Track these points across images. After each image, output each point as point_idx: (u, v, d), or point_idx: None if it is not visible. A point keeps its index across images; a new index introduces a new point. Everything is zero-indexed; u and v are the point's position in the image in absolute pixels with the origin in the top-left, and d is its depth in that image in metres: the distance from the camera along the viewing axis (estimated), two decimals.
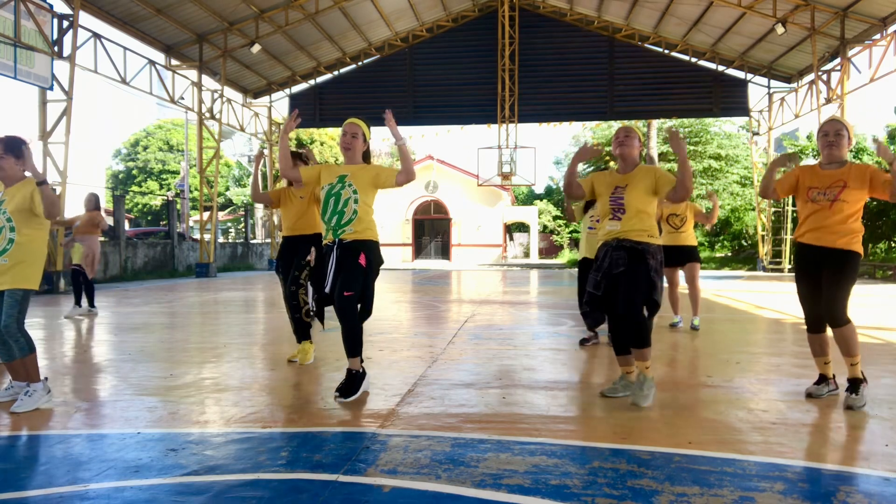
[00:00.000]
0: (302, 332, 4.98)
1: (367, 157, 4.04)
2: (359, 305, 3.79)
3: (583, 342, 5.86)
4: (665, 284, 7.14)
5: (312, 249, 4.84)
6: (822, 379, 3.86)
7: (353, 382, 3.78)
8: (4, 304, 3.56)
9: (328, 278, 3.73)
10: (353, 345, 3.77)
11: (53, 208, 3.58)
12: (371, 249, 3.80)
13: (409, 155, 3.94)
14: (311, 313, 4.69)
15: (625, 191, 3.71)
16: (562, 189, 5.98)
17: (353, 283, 3.69)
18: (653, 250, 3.64)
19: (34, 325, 6.99)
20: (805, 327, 3.85)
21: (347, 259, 3.73)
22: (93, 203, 8.35)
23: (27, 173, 3.68)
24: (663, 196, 3.72)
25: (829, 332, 3.73)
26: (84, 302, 8.22)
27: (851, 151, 21.95)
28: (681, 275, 7.09)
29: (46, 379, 3.74)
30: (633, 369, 3.80)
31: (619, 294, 3.60)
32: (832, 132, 3.67)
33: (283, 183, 5.13)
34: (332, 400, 3.76)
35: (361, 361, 3.86)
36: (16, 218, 3.57)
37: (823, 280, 3.66)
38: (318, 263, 4.85)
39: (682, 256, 6.81)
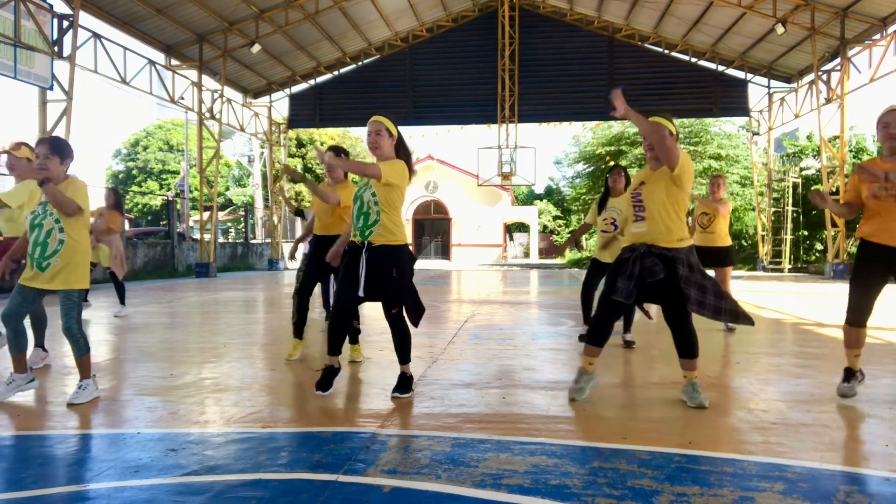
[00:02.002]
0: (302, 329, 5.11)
1: (399, 151, 3.93)
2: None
3: (583, 338, 5.78)
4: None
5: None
6: (850, 374, 3.75)
7: (409, 382, 3.90)
8: (63, 306, 3.68)
9: (361, 281, 3.66)
10: (405, 352, 3.86)
11: (62, 207, 3.61)
12: (400, 256, 3.75)
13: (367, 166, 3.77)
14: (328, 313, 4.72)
15: (643, 188, 3.57)
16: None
17: (396, 299, 3.74)
18: (682, 256, 3.48)
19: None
20: (846, 318, 3.70)
21: (380, 268, 3.68)
22: (113, 199, 8.17)
23: (70, 174, 3.77)
24: (685, 185, 3.51)
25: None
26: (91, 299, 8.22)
27: (851, 151, 21.99)
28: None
29: (95, 375, 3.89)
30: (595, 361, 3.75)
31: (665, 304, 3.51)
32: (894, 123, 3.48)
33: (282, 183, 5.14)
34: (332, 400, 3.76)
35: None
36: (63, 220, 3.65)
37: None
38: (316, 258, 4.86)
39: (712, 259, 6.52)
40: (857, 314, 3.65)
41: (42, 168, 3.62)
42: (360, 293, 3.69)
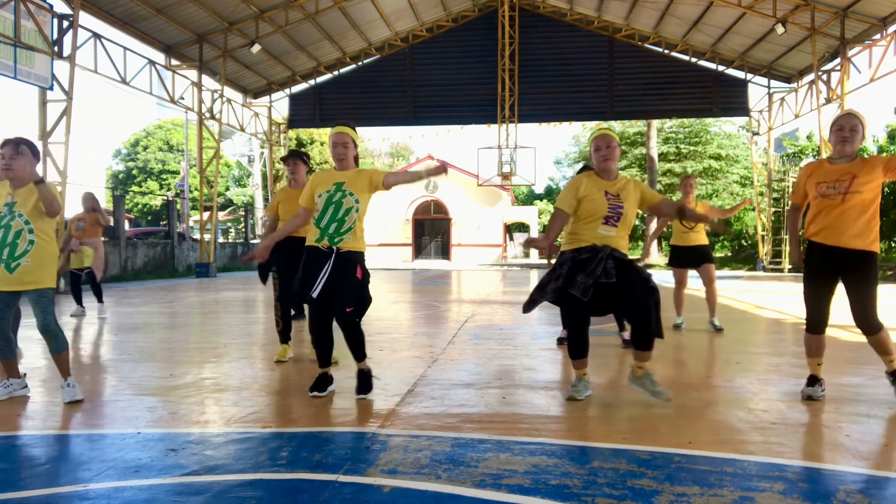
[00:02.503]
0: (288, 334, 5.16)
1: (356, 160, 4.04)
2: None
3: (561, 342, 5.73)
4: (672, 284, 7.11)
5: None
6: (815, 380, 3.78)
7: (369, 379, 3.92)
8: (38, 305, 3.68)
9: (318, 283, 3.67)
10: (361, 350, 3.88)
11: (53, 206, 3.63)
12: (363, 261, 3.87)
13: (416, 178, 4.00)
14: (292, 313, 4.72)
15: (620, 200, 3.71)
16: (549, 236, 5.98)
17: (352, 299, 3.73)
18: (634, 262, 3.71)
19: (32, 325, 6.98)
20: (804, 326, 3.80)
21: (345, 272, 3.71)
22: (90, 202, 8.27)
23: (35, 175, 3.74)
24: (650, 208, 3.88)
25: (826, 333, 3.70)
26: (86, 302, 8.25)
27: None
28: (691, 276, 7.01)
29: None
30: (586, 369, 3.84)
31: (633, 285, 3.54)
32: (847, 127, 3.55)
33: (282, 183, 5.13)
34: (332, 400, 3.77)
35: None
36: (33, 220, 3.64)
37: (847, 288, 3.56)
38: (294, 262, 4.79)
39: (696, 257, 6.69)
40: (814, 321, 3.71)
41: (7, 169, 3.59)
42: (314, 294, 3.68)
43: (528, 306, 3.80)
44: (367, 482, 2.50)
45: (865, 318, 3.53)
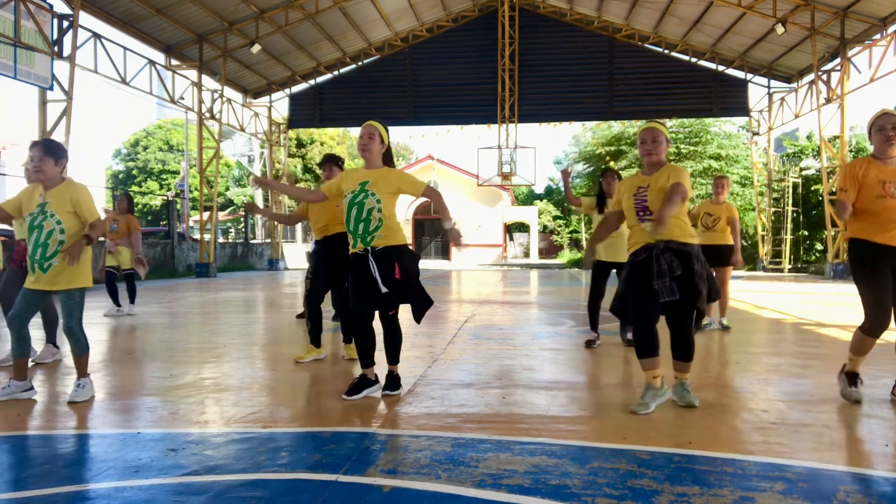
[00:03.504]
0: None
1: (387, 159, 3.96)
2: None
3: (589, 344, 5.68)
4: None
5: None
6: (855, 377, 3.71)
7: (398, 381, 3.96)
8: (65, 306, 3.70)
9: (379, 281, 3.69)
10: (395, 353, 3.94)
11: (102, 231, 3.77)
12: (403, 255, 3.80)
13: (445, 216, 3.90)
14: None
15: (647, 191, 3.57)
16: (573, 204, 5.84)
17: (394, 302, 3.80)
18: (696, 252, 3.53)
19: (35, 325, 6.98)
20: (863, 326, 3.61)
21: (385, 271, 3.71)
22: (125, 204, 8.33)
23: (66, 175, 3.81)
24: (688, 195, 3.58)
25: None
26: (123, 302, 8.30)
27: (851, 151, 21.99)
28: None
29: (89, 374, 3.88)
30: (659, 372, 3.62)
31: (672, 305, 3.49)
32: (889, 126, 3.50)
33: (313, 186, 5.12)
34: (332, 400, 3.77)
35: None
36: (64, 221, 3.68)
37: None
38: (342, 268, 4.64)
39: (715, 257, 6.44)
40: (880, 325, 3.55)
41: (38, 171, 3.64)
42: (384, 289, 3.68)
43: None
44: (367, 482, 2.50)
45: None
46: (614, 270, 5.46)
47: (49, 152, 3.68)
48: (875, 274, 3.53)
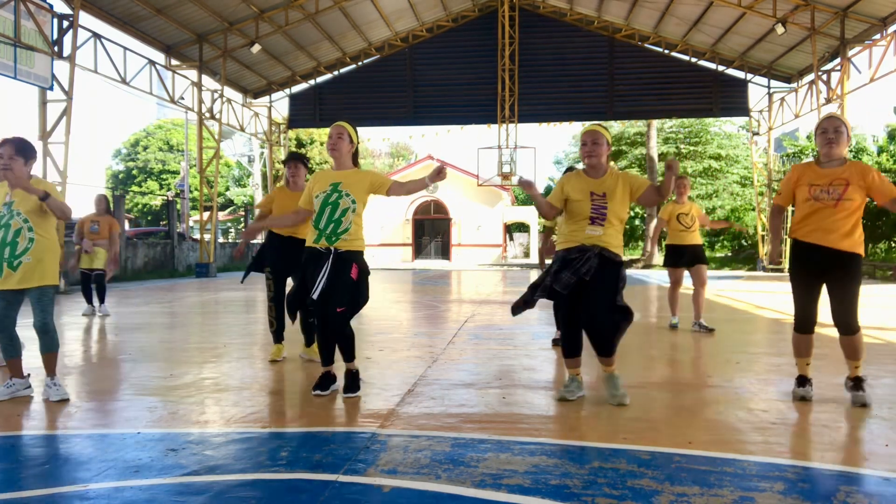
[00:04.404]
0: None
1: (355, 159, 4.03)
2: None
3: (556, 343, 5.71)
4: (667, 283, 7.10)
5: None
6: (805, 380, 3.81)
7: (357, 380, 3.93)
8: (39, 303, 3.70)
9: (318, 284, 3.71)
10: (351, 350, 3.90)
11: (66, 214, 3.71)
12: (360, 259, 3.88)
13: (421, 186, 4.04)
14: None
15: (605, 199, 3.68)
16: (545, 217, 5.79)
17: (344, 299, 3.76)
18: (623, 265, 3.71)
19: (30, 325, 6.98)
20: (794, 325, 3.83)
21: (341, 271, 3.74)
22: (104, 204, 8.36)
23: (33, 174, 3.80)
24: (636, 199, 3.78)
25: (815, 333, 3.75)
26: (96, 301, 8.30)
27: (851, 151, 21.99)
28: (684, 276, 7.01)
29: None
30: (580, 369, 3.84)
31: (596, 299, 3.56)
32: (831, 129, 3.61)
33: (281, 183, 5.11)
34: (332, 400, 3.77)
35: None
36: (32, 219, 3.68)
37: (831, 287, 3.62)
38: (288, 263, 4.81)
39: (691, 257, 6.70)
40: (803, 321, 3.78)
41: (6, 168, 3.64)
42: (314, 296, 3.71)
43: (519, 308, 3.82)
44: (367, 482, 2.50)
45: (847, 318, 3.61)
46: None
47: (20, 151, 3.68)
48: (799, 273, 3.80)
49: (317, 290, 3.71)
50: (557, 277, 3.62)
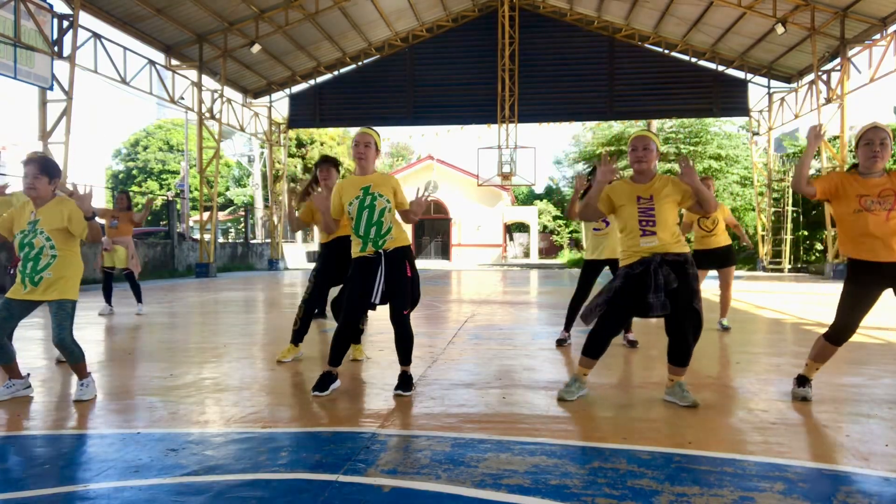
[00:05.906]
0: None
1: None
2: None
3: (560, 343, 5.85)
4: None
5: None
6: (805, 380, 3.81)
7: (411, 381, 3.98)
8: (56, 317, 3.69)
9: (377, 290, 3.77)
10: (410, 353, 3.96)
11: (97, 237, 3.75)
12: (410, 255, 3.94)
13: (419, 209, 4.07)
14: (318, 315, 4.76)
15: (651, 202, 3.62)
16: (569, 215, 5.64)
17: (406, 300, 3.86)
18: (689, 258, 3.62)
19: (36, 325, 6.99)
20: (827, 333, 3.67)
21: (397, 271, 3.80)
22: (125, 202, 8.50)
23: (58, 192, 3.83)
24: (683, 207, 3.70)
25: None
26: (115, 300, 8.31)
27: (851, 151, 21.96)
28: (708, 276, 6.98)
29: (90, 373, 3.89)
30: (589, 372, 3.84)
31: (680, 306, 3.52)
32: (877, 141, 3.48)
33: (313, 188, 5.08)
34: (332, 400, 3.77)
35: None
36: (54, 237, 3.70)
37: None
38: (331, 266, 4.84)
39: (717, 259, 6.65)
40: (845, 333, 3.63)
41: (31, 188, 3.67)
42: (376, 301, 3.78)
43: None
44: (367, 482, 2.50)
45: None
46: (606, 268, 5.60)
47: (44, 171, 3.70)
48: (861, 291, 3.57)
49: (377, 296, 3.77)
50: (647, 304, 3.50)
